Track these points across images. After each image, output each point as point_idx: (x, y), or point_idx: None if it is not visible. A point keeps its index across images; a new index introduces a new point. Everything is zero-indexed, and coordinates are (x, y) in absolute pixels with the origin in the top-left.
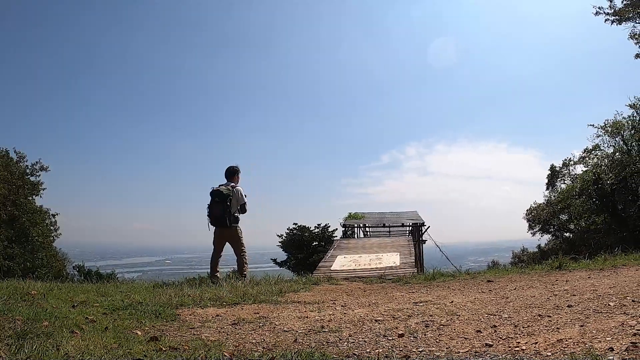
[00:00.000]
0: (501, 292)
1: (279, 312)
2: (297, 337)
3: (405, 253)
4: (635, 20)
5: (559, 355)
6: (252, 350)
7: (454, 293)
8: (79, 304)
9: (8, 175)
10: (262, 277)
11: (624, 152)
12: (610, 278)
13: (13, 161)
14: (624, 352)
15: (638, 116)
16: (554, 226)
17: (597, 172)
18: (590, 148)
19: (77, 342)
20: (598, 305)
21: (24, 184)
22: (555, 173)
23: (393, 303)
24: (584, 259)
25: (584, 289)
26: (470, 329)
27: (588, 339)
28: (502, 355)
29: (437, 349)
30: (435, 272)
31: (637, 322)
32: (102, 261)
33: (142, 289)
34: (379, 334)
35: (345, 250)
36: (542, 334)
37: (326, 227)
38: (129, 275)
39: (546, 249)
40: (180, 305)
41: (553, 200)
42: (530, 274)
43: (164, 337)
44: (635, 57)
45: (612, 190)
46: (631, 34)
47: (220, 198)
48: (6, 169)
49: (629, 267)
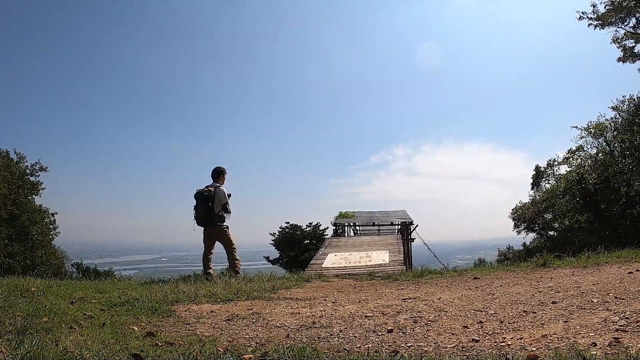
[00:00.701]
0: (487, 288)
1: (271, 309)
2: (290, 332)
3: (394, 251)
4: (617, 25)
5: (544, 351)
6: (245, 346)
7: (441, 290)
8: (78, 300)
9: (8, 175)
10: (255, 274)
11: (606, 153)
12: (593, 275)
13: (13, 162)
14: (606, 347)
15: (620, 118)
16: (538, 225)
17: (580, 172)
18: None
19: (75, 338)
20: (581, 301)
21: (24, 184)
22: (540, 173)
23: (382, 299)
24: (568, 256)
25: (567, 286)
26: (458, 325)
27: (572, 335)
28: (488, 350)
29: (425, 344)
30: (424, 269)
31: (619, 318)
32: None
33: (138, 285)
34: (369, 329)
35: (336, 248)
36: (527, 330)
37: (317, 226)
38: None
39: (531, 247)
40: (176, 301)
41: (538, 200)
42: (516, 271)
43: (160, 333)
44: (618, 61)
45: (595, 190)
46: (613, 38)
47: (203, 199)
48: (7, 169)
49: (612, 264)
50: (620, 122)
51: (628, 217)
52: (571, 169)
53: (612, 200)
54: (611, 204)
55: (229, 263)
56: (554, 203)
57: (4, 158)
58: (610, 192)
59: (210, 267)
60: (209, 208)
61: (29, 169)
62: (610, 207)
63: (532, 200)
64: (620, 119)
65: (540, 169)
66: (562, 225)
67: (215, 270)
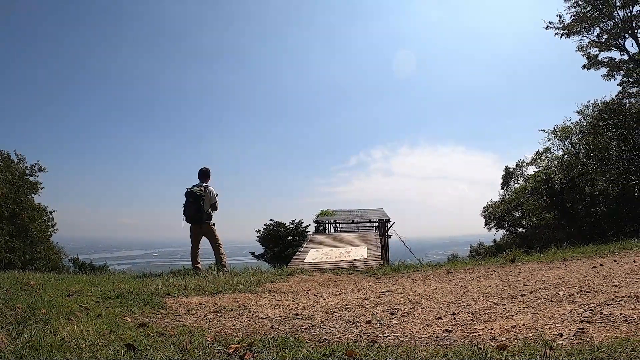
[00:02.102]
0: (460, 282)
1: (257, 301)
2: (274, 323)
3: (372, 247)
4: (582, 34)
5: (513, 341)
6: (232, 336)
7: (416, 283)
8: (74, 293)
9: (9, 175)
10: (241, 269)
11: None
12: (559, 270)
13: (14, 163)
14: (572, 337)
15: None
16: (508, 222)
17: (547, 172)
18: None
19: (72, 328)
20: (548, 294)
21: (23, 184)
22: (509, 174)
23: (361, 292)
24: (536, 252)
25: (535, 280)
26: (432, 316)
27: (539, 326)
28: (460, 340)
29: (402, 335)
30: (400, 264)
31: (584, 310)
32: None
33: (131, 279)
34: (349, 320)
35: (318, 244)
36: (498, 321)
37: (300, 223)
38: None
39: (501, 243)
40: (167, 294)
41: (507, 199)
42: (487, 266)
43: (151, 324)
44: (583, 68)
45: (561, 190)
46: (578, 47)
47: (194, 198)
48: (7, 169)
49: (577, 259)
50: (584, 125)
51: (592, 215)
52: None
53: (577, 199)
54: (576, 202)
55: (216, 258)
56: (523, 202)
57: (5, 159)
58: (576, 192)
59: (198, 262)
60: (199, 207)
61: (29, 169)
62: (575, 205)
63: (502, 199)
64: (584, 123)
65: (509, 169)
66: (530, 223)
67: (203, 265)
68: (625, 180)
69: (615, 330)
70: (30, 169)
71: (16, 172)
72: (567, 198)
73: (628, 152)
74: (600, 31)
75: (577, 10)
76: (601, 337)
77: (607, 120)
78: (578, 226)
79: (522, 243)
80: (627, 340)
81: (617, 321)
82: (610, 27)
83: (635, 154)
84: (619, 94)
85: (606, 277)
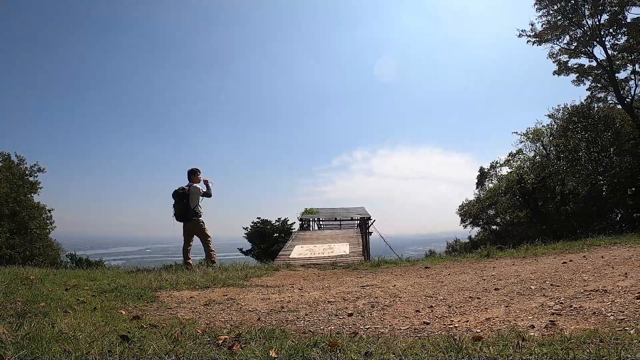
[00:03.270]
0: (437, 277)
1: (244, 295)
2: (260, 316)
3: (354, 243)
4: (553, 42)
5: (487, 332)
6: (221, 328)
7: (396, 278)
8: (72, 287)
9: (10, 175)
10: (230, 264)
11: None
12: (531, 265)
13: (14, 164)
14: (543, 329)
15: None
16: (483, 220)
17: (520, 173)
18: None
19: (70, 320)
20: (521, 288)
21: (23, 184)
22: (484, 174)
23: (343, 287)
24: (509, 248)
25: (508, 275)
26: (410, 309)
27: (512, 318)
28: (438, 331)
29: (382, 326)
30: (380, 259)
31: (555, 303)
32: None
33: (125, 274)
34: (331, 313)
35: (302, 241)
36: (473, 314)
37: (285, 221)
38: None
39: (476, 240)
40: (159, 288)
41: (482, 198)
42: (463, 262)
43: (145, 316)
44: (553, 74)
45: (533, 189)
46: (549, 54)
47: (179, 198)
48: (8, 170)
49: (548, 255)
50: (555, 128)
51: (562, 213)
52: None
53: (548, 198)
54: (547, 201)
55: (206, 254)
56: (497, 200)
57: (6, 160)
58: (547, 191)
59: (189, 258)
60: (185, 205)
61: (28, 170)
62: (546, 204)
63: (477, 198)
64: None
65: (484, 170)
66: (504, 220)
67: (194, 261)
68: (594, 180)
69: (584, 322)
70: (30, 169)
71: (16, 173)
72: (538, 197)
73: (596, 153)
74: (570, 39)
75: (549, 19)
76: (571, 328)
77: (577, 123)
78: (549, 224)
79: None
80: (596, 331)
81: (586, 314)
82: (579, 35)
83: (603, 155)
84: (588, 98)
85: (576, 272)
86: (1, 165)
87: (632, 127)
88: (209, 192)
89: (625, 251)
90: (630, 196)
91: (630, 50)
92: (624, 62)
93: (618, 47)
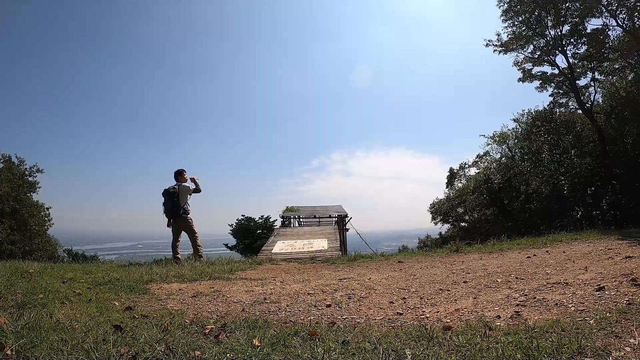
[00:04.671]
0: (410, 270)
1: (230, 287)
2: (245, 307)
3: (332, 239)
4: (518, 51)
5: (457, 322)
6: (208, 318)
7: (371, 271)
8: (68, 280)
9: (10, 176)
10: (216, 259)
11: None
12: (498, 259)
13: (15, 164)
14: (509, 319)
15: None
16: (452, 217)
17: (487, 173)
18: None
19: (66, 311)
20: (488, 281)
21: (23, 183)
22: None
23: (322, 280)
24: (477, 244)
25: (476, 268)
26: (385, 301)
27: (480, 309)
28: (410, 321)
29: (358, 317)
30: (356, 254)
31: (519, 295)
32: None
33: (119, 268)
34: (311, 304)
35: (284, 237)
36: (443, 305)
37: (268, 218)
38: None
39: (446, 236)
40: (150, 281)
41: (452, 197)
42: (433, 256)
43: (137, 307)
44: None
45: (499, 189)
46: (515, 62)
47: (169, 196)
48: (9, 170)
49: (513, 250)
50: (520, 131)
51: (526, 211)
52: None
53: (513, 197)
54: (512, 200)
55: (193, 249)
56: (465, 199)
57: (7, 161)
58: (512, 190)
59: (178, 253)
60: (174, 203)
61: (28, 170)
62: (511, 202)
63: (446, 196)
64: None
65: (453, 170)
66: (472, 218)
67: (182, 256)
68: (556, 180)
69: (547, 313)
70: (30, 170)
71: (17, 173)
72: (504, 196)
73: (558, 155)
74: (534, 48)
75: (514, 30)
76: (535, 319)
77: (540, 127)
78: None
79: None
80: (558, 321)
81: (548, 305)
82: (543, 44)
83: (564, 157)
84: (551, 103)
85: (539, 266)
86: (2, 166)
87: (592, 131)
88: (198, 187)
89: (585, 246)
90: (590, 195)
91: (590, 58)
92: (584, 70)
93: (579, 55)
